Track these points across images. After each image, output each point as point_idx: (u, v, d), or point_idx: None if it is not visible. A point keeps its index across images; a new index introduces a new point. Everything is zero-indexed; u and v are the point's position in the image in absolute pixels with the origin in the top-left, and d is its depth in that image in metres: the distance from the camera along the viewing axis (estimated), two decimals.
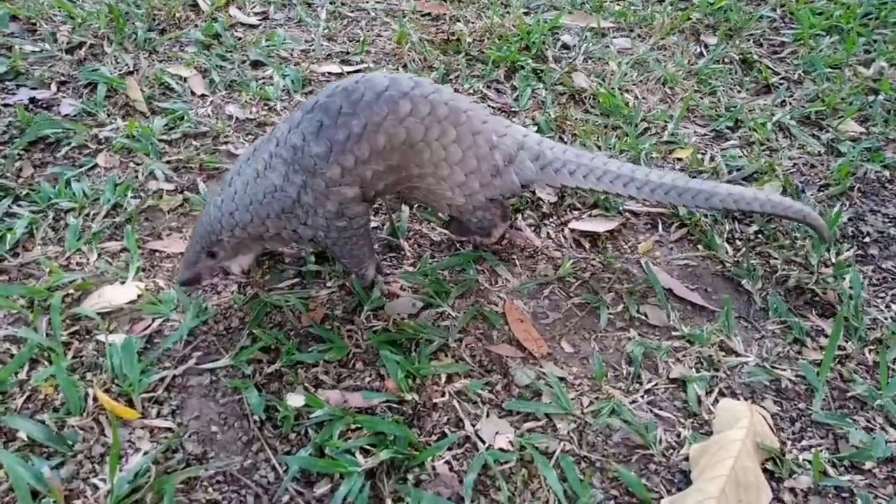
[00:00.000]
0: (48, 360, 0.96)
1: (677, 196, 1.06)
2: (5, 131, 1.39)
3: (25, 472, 0.80)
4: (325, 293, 1.10)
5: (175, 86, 1.56)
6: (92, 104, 1.48)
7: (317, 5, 1.98)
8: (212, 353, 1.00)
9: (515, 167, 1.03)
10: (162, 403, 0.93)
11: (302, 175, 0.91)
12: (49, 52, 1.65)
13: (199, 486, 0.85)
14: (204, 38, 1.74)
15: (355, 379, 0.98)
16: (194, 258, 1.00)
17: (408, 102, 0.92)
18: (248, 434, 0.91)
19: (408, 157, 0.95)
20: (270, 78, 1.62)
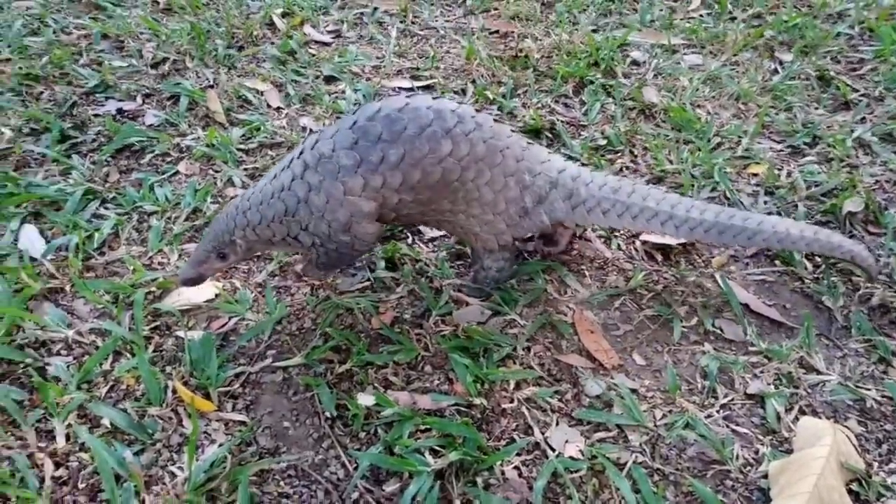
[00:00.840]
0: (131, 353, 1.00)
1: (717, 234, 1.02)
2: (95, 139, 1.47)
3: (109, 456, 0.83)
4: (395, 297, 1.11)
5: (252, 99, 1.62)
6: (174, 115, 1.54)
7: (388, 24, 2.02)
8: (285, 351, 1.02)
9: (545, 207, 1.00)
10: (237, 398, 0.95)
11: (320, 176, 0.88)
12: (135, 67, 1.74)
13: (271, 479, 0.86)
14: (280, 54, 1.81)
15: (424, 381, 0.98)
16: (203, 257, 0.97)
17: (449, 143, 0.89)
18: (319, 431, 0.92)
19: (440, 194, 0.92)
20: (343, 92, 1.67)
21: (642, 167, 1.42)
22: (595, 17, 2.06)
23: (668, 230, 1.03)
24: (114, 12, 1.99)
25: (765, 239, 1.02)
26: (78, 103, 1.59)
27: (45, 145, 1.43)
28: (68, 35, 1.88)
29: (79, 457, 0.87)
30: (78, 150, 1.44)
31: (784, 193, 1.34)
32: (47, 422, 0.90)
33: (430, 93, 1.66)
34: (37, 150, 1.41)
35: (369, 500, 0.84)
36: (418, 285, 1.12)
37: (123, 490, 0.82)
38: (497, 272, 1.07)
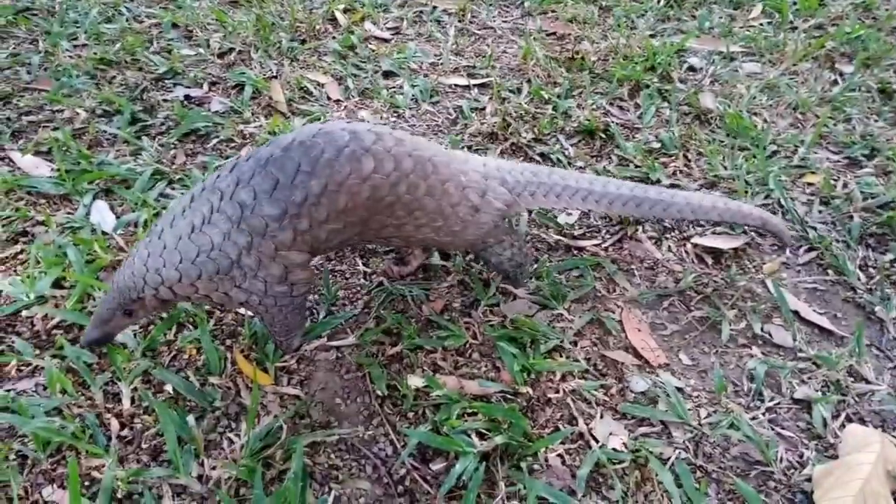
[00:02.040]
0: (193, 325, 1.05)
1: (635, 207, 1.06)
2: (163, 123, 1.53)
3: (173, 420, 0.88)
4: (445, 286, 1.14)
5: (313, 90, 1.67)
6: (239, 103, 1.60)
7: (446, 23, 2.06)
8: (339, 332, 1.06)
9: (491, 195, 0.99)
10: (292, 373, 0.99)
11: (247, 236, 0.83)
12: (202, 56, 1.80)
13: (322, 451, 0.90)
14: (341, 48, 1.85)
15: (471, 368, 1.01)
16: (107, 315, 0.89)
17: (370, 160, 0.85)
18: (369, 409, 0.95)
19: (376, 211, 0.89)
20: (401, 87, 1.70)
21: (696, 172, 1.42)
22: (653, 23, 2.06)
23: (590, 205, 1.05)
24: (183, 3, 2.06)
25: (679, 209, 1.06)
26: (148, 88, 1.66)
27: (117, 126, 1.50)
28: (140, 23, 1.96)
29: (143, 419, 0.92)
30: (147, 132, 1.50)
31: (839, 204, 1.33)
32: (114, 385, 0.96)
33: (486, 90, 1.69)
34: (109, 130, 1.48)
35: (416, 477, 0.87)
36: (468, 276, 1.15)
37: (185, 452, 0.86)
38: (510, 258, 1.06)
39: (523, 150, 1.48)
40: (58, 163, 1.37)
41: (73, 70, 1.71)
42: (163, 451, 0.88)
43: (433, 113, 1.62)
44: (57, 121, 1.53)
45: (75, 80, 1.66)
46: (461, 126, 1.56)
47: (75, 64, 1.74)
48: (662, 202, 1.06)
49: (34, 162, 1.39)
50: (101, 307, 0.89)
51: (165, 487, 0.83)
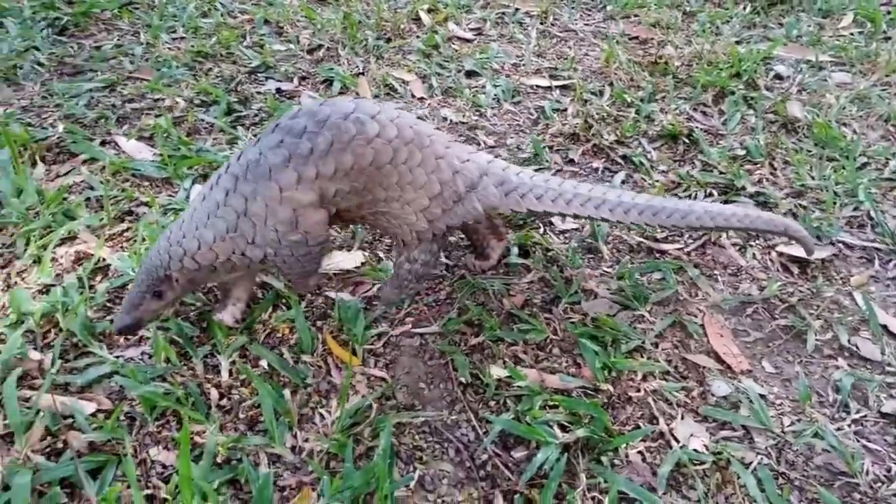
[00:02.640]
0: (287, 306, 1.10)
1: (651, 216, 1.02)
2: (256, 114, 1.60)
3: (270, 393, 0.93)
4: (526, 282, 1.16)
5: (398, 88, 1.72)
6: (327, 97, 1.66)
7: (528, 25, 2.08)
8: (422, 320, 1.09)
9: (478, 193, 0.98)
10: (378, 356, 1.03)
11: (252, 184, 0.86)
12: (293, 52, 1.88)
13: (407, 432, 0.93)
14: (425, 47, 1.90)
15: (552, 362, 1.02)
16: (138, 300, 0.91)
17: (375, 125, 0.89)
18: (452, 395, 0.98)
19: (374, 180, 0.91)
20: (483, 87, 1.73)
21: (782, 180, 1.40)
22: (738, 29, 2.03)
23: (603, 213, 1.01)
24: (275, 0, 2.14)
25: (698, 217, 1.02)
26: (242, 80, 1.73)
27: (214, 116, 1.57)
28: (234, 18, 2.05)
29: (239, 391, 0.97)
30: (242, 122, 1.57)
31: None
32: (213, 357, 1.01)
33: (568, 92, 1.70)
34: (207, 119, 1.56)
35: (497, 463, 0.89)
36: (549, 273, 1.17)
37: (280, 424, 0.91)
38: (422, 265, 1.04)
39: (605, 152, 1.49)
40: (160, 148, 1.45)
41: (172, 61, 1.80)
42: (258, 421, 0.93)
43: (514, 113, 1.64)
44: (158, 109, 1.62)
45: (174, 71, 1.75)
46: (542, 126, 1.58)
47: (174, 55, 1.83)
48: (679, 211, 1.02)
49: (137, 147, 1.47)
50: (131, 292, 0.91)
51: (262, 455, 0.88)
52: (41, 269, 1.13)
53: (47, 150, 1.46)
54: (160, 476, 0.86)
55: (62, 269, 1.15)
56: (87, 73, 1.78)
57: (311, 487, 0.85)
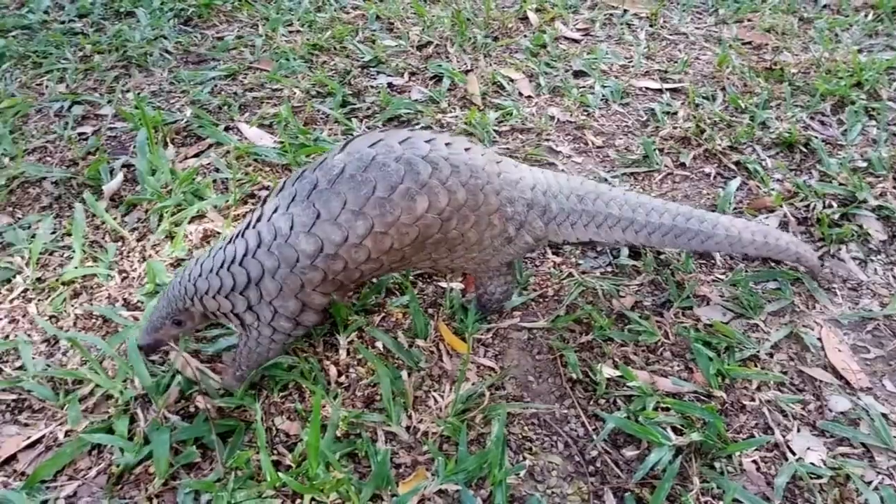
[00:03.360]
0: (400, 292, 1.13)
1: (674, 238, 1.00)
2: (369, 107, 1.66)
3: (388, 374, 0.96)
4: (636, 284, 1.16)
5: (506, 86, 1.73)
6: (437, 93, 1.69)
7: (637, 27, 2.06)
8: (530, 315, 1.11)
9: (526, 228, 0.94)
10: (488, 346, 1.05)
11: (275, 261, 0.82)
12: (403, 48, 1.92)
13: (517, 422, 0.95)
14: (532, 46, 1.91)
15: (663, 365, 1.02)
16: (159, 323, 0.90)
17: (425, 199, 0.81)
18: (560, 390, 0.99)
19: (420, 248, 0.86)
20: (591, 87, 1.73)
21: None
22: (859, 37, 1.95)
23: (629, 237, 0.99)
24: None
25: (717, 243, 1.00)
26: (354, 74, 1.79)
27: (329, 107, 1.63)
28: (347, 14, 2.12)
29: (356, 370, 1.01)
30: (356, 114, 1.63)
31: None
32: (332, 336, 1.06)
33: (678, 95, 1.67)
34: (323, 109, 1.62)
35: (606, 460, 0.90)
36: (660, 276, 1.16)
37: (396, 404, 0.94)
38: (501, 294, 1.03)
39: (717, 158, 1.46)
40: (280, 135, 1.52)
41: (289, 53, 1.88)
42: (374, 400, 0.97)
43: (623, 114, 1.64)
44: (276, 98, 1.69)
45: (292, 63, 1.83)
46: (652, 129, 1.57)
47: (291, 48, 1.91)
48: (702, 234, 0.99)
49: (259, 133, 1.55)
50: (154, 315, 0.90)
51: (379, 432, 0.92)
52: (174, 244, 1.20)
53: (176, 133, 1.55)
54: (284, 444, 0.91)
55: (192, 244, 1.22)
56: (210, 62, 1.88)
57: (426, 467, 0.88)
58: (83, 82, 1.78)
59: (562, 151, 1.50)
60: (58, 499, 0.84)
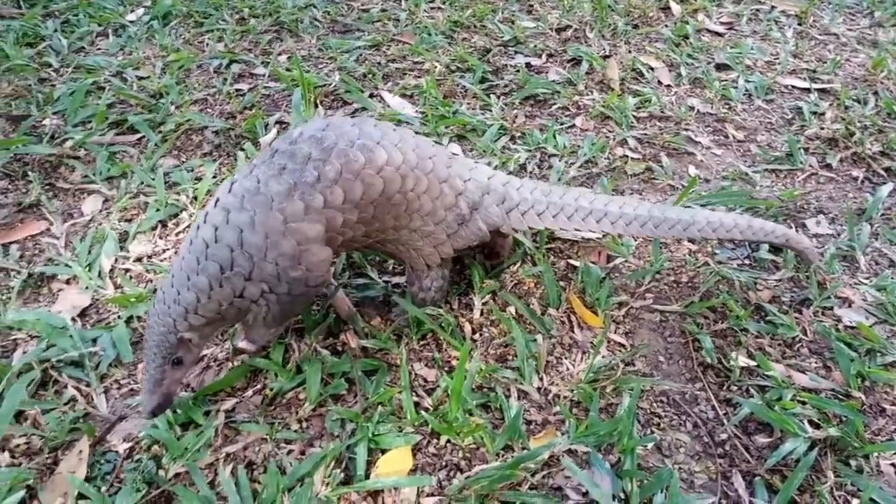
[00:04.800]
0: (532, 262, 1.17)
1: (654, 228, 1.00)
2: (507, 85, 1.69)
3: (523, 335, 1.00)
4: (774, 279, 1.14)
5: (645, 73, 1.73)
6: (574, 76, 1.71)
7: (784, 24, 1.99)
8: (663, 298, 1.12)
9: (481, 213, 0.96)
10: (619, 324, 1.07)
11: (250, 213, 0.78)
12: (542, 30, 1.94)
13: (645, 397, 0.96)
14: (674, 36, 1.88)
15: (799, 361, 1.01)
16: (158, 375, 0.81)
17: (383, 151, 0.85)
18: (691, 373, 1.00)
19: (383, 209, 0.87)
20: (734, 81, 1.70)
21: None
22: None
23: (605, 227, 1.00)
24: None
25: (700, 229, 1.01)
26: (494, 52, 1.83)
27: (469, 82, 1.68)
28: None
29: (490, 330, 1.05)
30: (493, 90, 1.67)
31: None
32: (467, 296, 1.10)
33: (827, 96, 1.62)
34: (462, 83, 1.67)
35: (736, 444, 0.90)
36: (800, 273, 1.14)
37: (528, 364, 0.98)
38: (436, 292, 1.02)
39: (866, 162, 1.41)
40: (421, 106, 1.57)
41: (431, 28, 1.93)
42: (506, 359, 1.00)
43: (767, 110, 1.60)
44: (418, 70, 1.75)
45: (433, 38, 1.88)
46: (798, 127, 1.52)
47: (433, 23, 1.96)
48: (682, 221, 1.00)
49: (401, 103, 1.61)
50: (148, 370, 0.81)
51: (512, 389, 0.95)
52: None
53: (325, 96, 1.64)
54: (423, 388, 0.96)
55: None
56: (355, 32, 1.96)
57: (555, 427, 0.91)
58: (239, 43, 1.90)
59: (700, 142, 1.49)
60: (218, 411, 0.93)
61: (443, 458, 0.87)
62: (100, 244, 1.19)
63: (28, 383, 0.94)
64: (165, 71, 1.73)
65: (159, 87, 1.64)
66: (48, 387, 0.96)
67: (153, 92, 1.63)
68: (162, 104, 1.57)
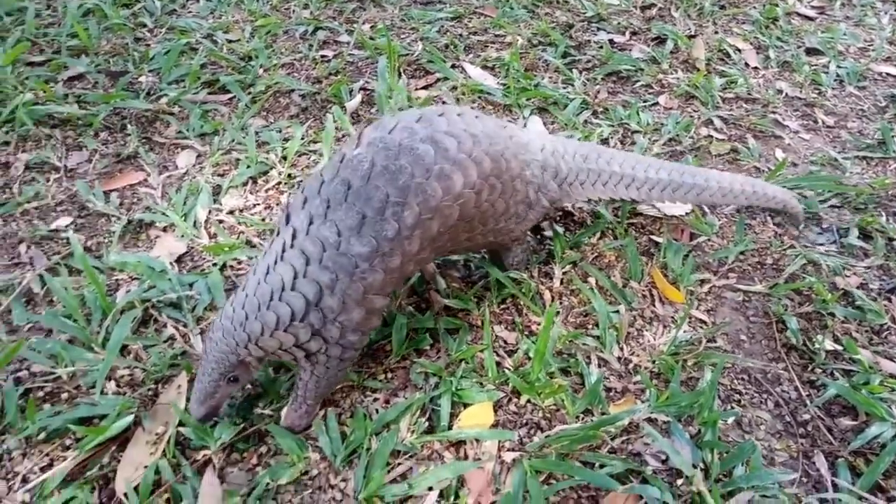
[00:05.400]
0: (613, 235, 1.17)
1: (671, 192, 1.06)
2: (589, 60, 1.68)
3: (604, 306, 1.01)
4: (863, 265, 1.12)
5: (731, 54, 1.69)
6: (658, 54, 1.68)
7: (880, 10, 1.92)
8: (746, 278, 1.11)
9: (543, 192, 0.96)
10: (701, 301, 1.07)
11: (331, 274, 0.75)
12: (626, 7, 1.92)
13: (726, 373, 0.96)
14: (762, 19, 1.84)
15: (888, 348, 0.99)
16: (212, 388, 0.79)
17: (459, 174, 0.79)
18: (774, 353, 0.99)
19: (456, 231, 0.83)
20: (825, 66, 1.65)
21: None
22: None
23: (632, 194, 1.05)
24: None
25: (711, 195, 1.07)
26: (576, 28, 1.81)
27: (551, 56, 1.67)
28: None
29: (569, 299, 1.06)
30: (576, 65, 1.66)
31: None
32: (548, 265, 1.11)
33: None
34: (545, 57, 1.67)
35: (819, 426, 0.90)
36: (891, 261, 1.11)
37: (609, 333, 0.99)
38: (524, 255, 1.06)
39: None
40: (503, 78, 1.58)
41: (513, 2, 1.93)
42: (585, 327, 1.01)
43: (858, 97, 1.55)
44: (499, 43, 1.75)
45: (516, 11, 1.88)
46: (892, 115, 1.48)
47: None
48: (697, 187, 1.06)
49: (482, 74, 1.62)
50: (203, 380, 0.80)
51: (593, 356, 0.97)
52: None
53: (408, 65, 1.66)
54: (503, 349, 0.98)
55: None
56: (437, 4, 1.97)
57: (635, 396, 0.92)
58: (324, 10, 1.94)
59: (789, 126, 1.45)
60: None
61: (523, 417, 0.89)
62: (194, 196, 1.24)
63: (131, 320, 0.99)
64: (254, 35, 1.78)
65: (248, 50, 1.69)
66: (149, 325, 1.01)
67: (242, 55, 1.68)
68: (251, 66, 1.62)
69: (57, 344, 0.96)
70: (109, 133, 1.44)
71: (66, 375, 0.94)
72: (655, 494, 0.78)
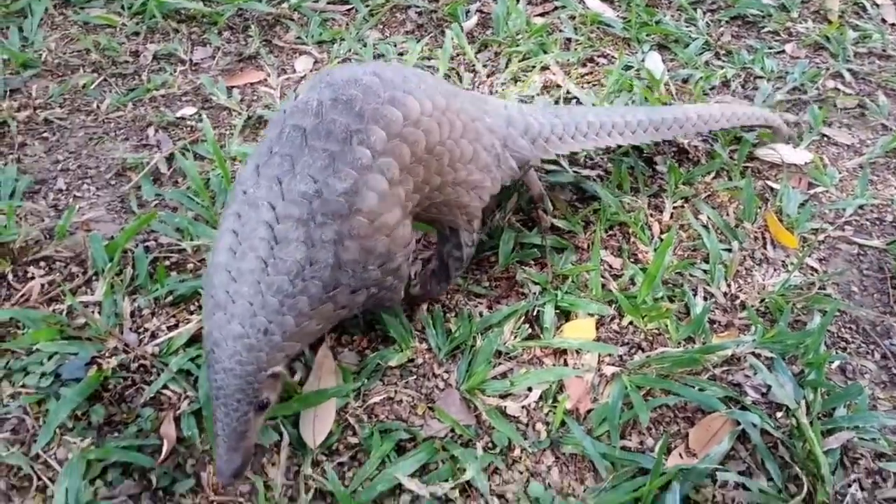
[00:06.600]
0: (728, 177, 1.15)
1: (654, 131, 1.04)
2: (714, 2, 1.62)
3: (714, 243, 1.00)
4: None
5: (868, 8, 1.60)
6: (789, 2, 1.61)
7: None
8: (863, 232, 1.08)
9: (510, 149, 0.88)
10: (814, 249, 1.05)
11: (333, 225, 0.68)
12: None
13: (835, 321, 0.95)
14: None
15: None
16: (242, 427, 0.66)
17: (411, 98, 0.72)
18: (886, 308, 0.97)
19: (430, 167, 0.76)
20: None
21: None
22: None
23: (615, 139, 1.01)
24: None
25: (693, 124, 1.07)
26: None
27: None
28: None
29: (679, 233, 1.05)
30: (700, 5, 1.60)
31: None
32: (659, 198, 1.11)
33: None
34: None
35: None
36: None
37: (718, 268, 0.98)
38: (471, 247, 0.90)
39: None
40: (623, 11, 1.54)
41: None
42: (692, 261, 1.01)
43: None
44: None
45: None
46: None
47: None
48: (678, 120, 1.05)
49: (601, 6, 1.58)
50: (226, 428, 0.66)
51: (700, 288, 0.97)
52: (524, 84, 1.31)
53: None
54: (610, 273, 0.99)
55: (535, 91, 1.32)
56: None
57: (738, 331, 0.92)
58: None
59: None
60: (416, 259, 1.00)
61: (624, 337, 0.91)
62: None
63: None
64: None
65: None
66: None
67: None
68: None
69: (184, 219, 1.02)
70: (232, 33, 1.48)
71: (191, 248, 0.99)
72: (755, 420, 0.79)
